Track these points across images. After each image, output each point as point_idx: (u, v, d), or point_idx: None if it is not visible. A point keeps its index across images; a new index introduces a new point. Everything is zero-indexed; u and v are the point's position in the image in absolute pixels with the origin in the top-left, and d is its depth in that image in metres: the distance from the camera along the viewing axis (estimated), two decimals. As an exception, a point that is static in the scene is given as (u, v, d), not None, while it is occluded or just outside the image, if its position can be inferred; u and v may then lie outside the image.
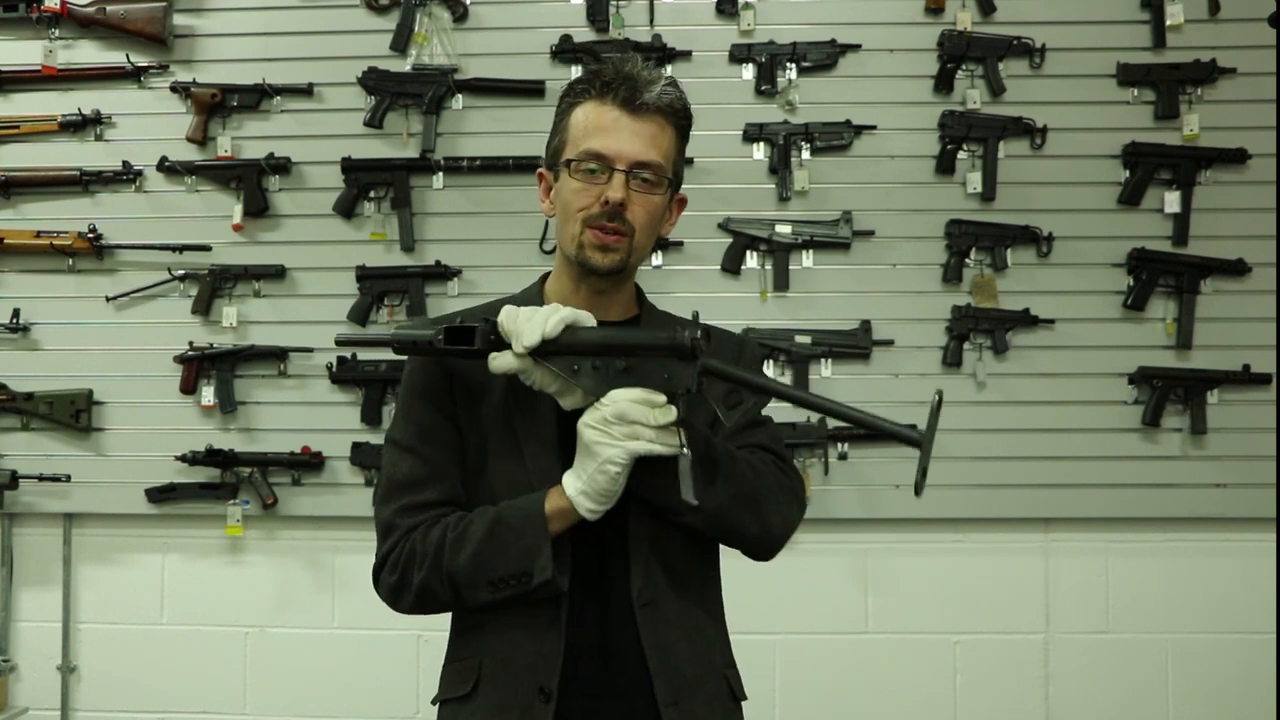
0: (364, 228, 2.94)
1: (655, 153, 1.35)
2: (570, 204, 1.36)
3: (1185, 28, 2.88)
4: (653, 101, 1.34)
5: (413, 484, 1.37)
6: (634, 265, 1.41)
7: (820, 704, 2.90)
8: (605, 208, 1.33)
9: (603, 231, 1.35)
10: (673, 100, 1.36)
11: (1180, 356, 2.86)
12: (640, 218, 1.36)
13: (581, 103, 1.37)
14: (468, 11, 2.94)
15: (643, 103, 1.34)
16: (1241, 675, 2.86)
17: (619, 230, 1.35)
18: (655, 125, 1.35)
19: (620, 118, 1.34)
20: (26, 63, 2.97)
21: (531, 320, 1.26)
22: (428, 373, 1.41)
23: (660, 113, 1.35)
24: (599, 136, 1.34)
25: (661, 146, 1.36)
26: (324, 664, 2.93)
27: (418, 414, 1.40)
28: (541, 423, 1.36)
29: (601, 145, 1.34)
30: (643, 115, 1.34)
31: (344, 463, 2.90)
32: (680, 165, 1.41)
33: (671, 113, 1.36)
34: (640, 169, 1.34)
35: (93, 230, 2.93)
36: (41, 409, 2.91)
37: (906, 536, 2.90)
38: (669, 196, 1.40)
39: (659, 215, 1.39)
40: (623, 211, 1.34)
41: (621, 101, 1.34)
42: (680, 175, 1.42)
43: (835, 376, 2.87)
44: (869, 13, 2.92)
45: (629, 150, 1.33)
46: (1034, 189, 2.89)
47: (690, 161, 2.87)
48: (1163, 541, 2.89)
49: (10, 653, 2.98)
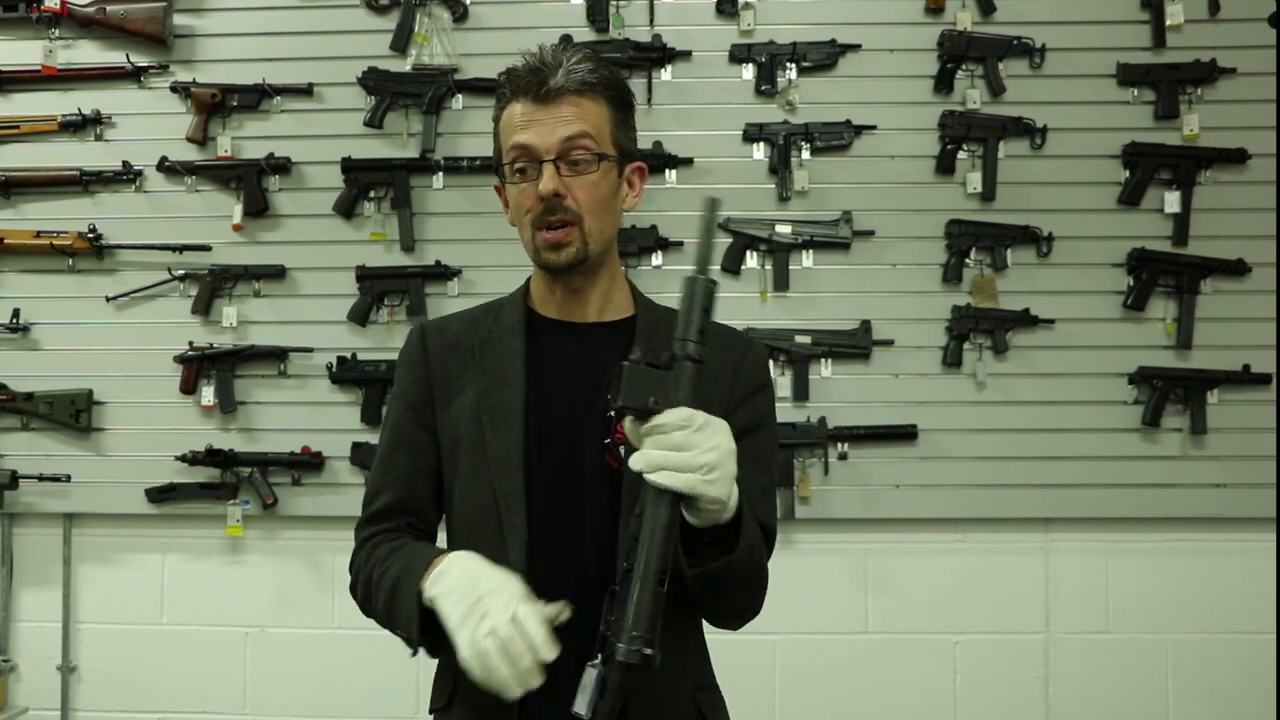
0: (364, 228, 2.94)
1: (579, 125, 1.31)
2: (518, 209, 1.35)
3: (1185, 28, 2.88)
4: (559, 85, 1.31)
5: (376, 491, 1.43)
6: (598, 252, 1.36)
7: (820, 704, 2.90)
8: (543, 203, 1.31)
9: (549, 229, 1.32)
10: (584, 75, 1.32)
11: (1180, 356, 2.86)
12: (583, 200, 1.32)
13: (505, 106, 1.35)
14: (468, 11, 2.94)
15: (549, 89, 1.31)
16: (1241, 675, 2.85)
17: (564, 221, 1.32)
18: (571, 106, 1.31)
19: (535, 109, 1.31)
20: (26, 63, 2.96)
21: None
22: (408, 375, 1.44)
23: (573, 93, 1.32)
24: (519, 133, 1.32)
25: (587, 120, 1.32)
26: (324, 664, 2.93)
27: (396, 415, 1.44)
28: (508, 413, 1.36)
29: (523, 140, 1.32)
30: (555, 100, 1.31)
31: (344, 463, 2.90)
32: (624, 135, 1.37)
33: (587, 87, 1.33)
34: (567, 152, 1.31)
35: (93, 230, 2.93)
36: (41, 409, 2.91)
37: (906, 536, 2.90)
38: (617, 170, 1.37)
39: (607, 193, 1.35)
40: (561, 201, 1.31)
41: (533, 93, 1.31)
42: (627, 145, 1.38)
43: (835, 376, 2.87)
44: (869, 13, 2.92)
45: (550, 136, 1.31)
46: (1034, 189, 2.89)
47: (690, 161, 2.88)
48: (1163, 541, 2.89)
49: (10, 653, 2.98)
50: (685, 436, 1.12)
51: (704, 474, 1.12)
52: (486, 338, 1.41)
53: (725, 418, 1.30)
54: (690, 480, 1.12)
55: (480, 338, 1.41)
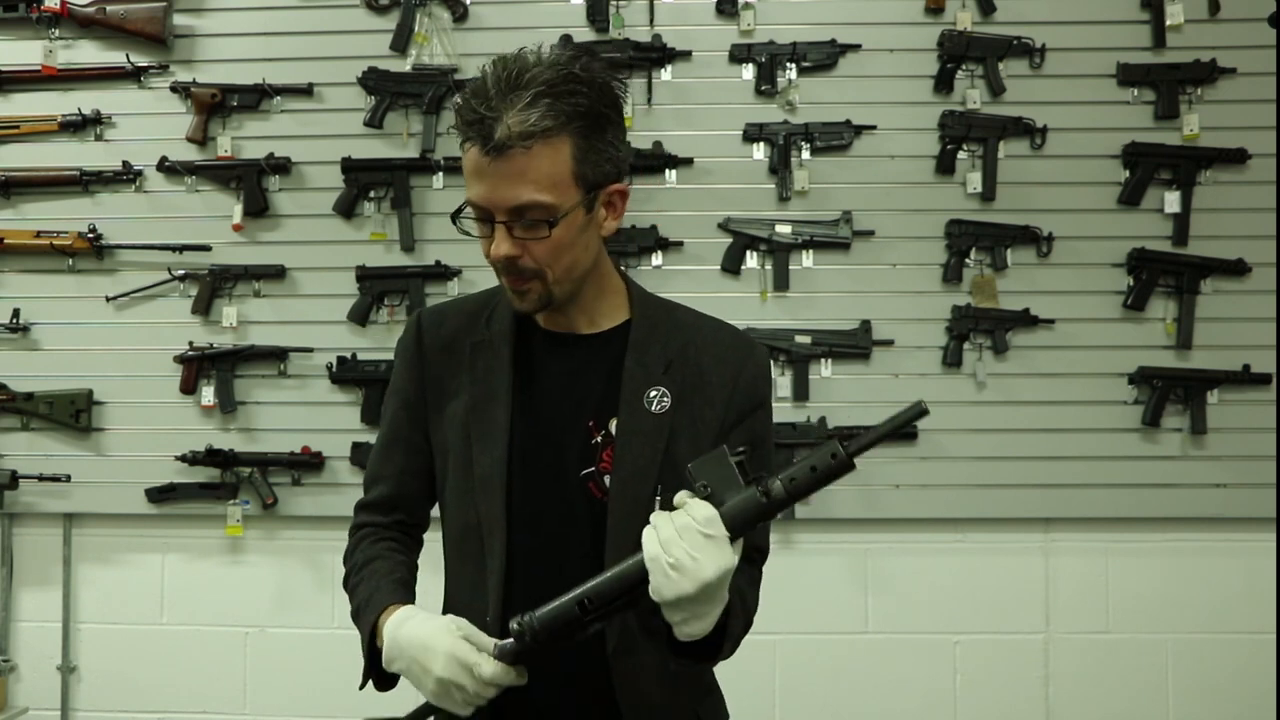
0: (364, 228, 2.94)
1: (528, 190, 1.20)
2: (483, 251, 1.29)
3: (1185, 28, 2.88)
4: (507, 139, 1.17)
5: (373, 480, 1.45)
6: (567, 293, 1.30)
7: (820, 704, 2.90)
8: (499, 265, 1.26)
9: (511, 278, 1.27)
10: (535, 122, 1.18)
11: (1180, 356, 2.86)
12: (541, 257, 1.24)
13: (464, 140, 1.23)
14: (468, 11, 2.94)
15: (497, 144, 1.18)
16: (1241, 675, 2.85)
17: (522, 278, 1.26)
18: (521, 159, 1.18)
19: (484, 163, 1.20)
20: (26, 63, 2.96)
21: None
22: (404, 371, 1.43)
23: (522, 146, 1.18)
24: (473, 185, 1.23)
25: (541, 178, 1.20)
26: (324, 664, 2.92)
27: (392, 412, 1.44)
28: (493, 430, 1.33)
29: (476, 195, 1.23)
30: (505, 155, 1.18)
31: (344, 463, 2.90)
32: (593, 165, 1.23)
33: (541, 133, 1.18)
34: (517, 215, 1.21)
35: (93, 230, 2.93)
36: (41, 409, 2.91)
37: (906, 536, 2.90)
38: (585, 205, 1.25)
39: (569, 240, 1.24)
40: (516, 261, 1.24)
41: (480, 145, 1.19)
42: (597, 176, 1.25)
43: (835, 376, 2.87)
44: (869, 13, 2.91)
45: (499, 199, 1.21)
46: (1034, 189, 2.89)
47: (690, 161, 2.88)
48: (1163, 541, 2.89)
49: (10, 653, 2.98)
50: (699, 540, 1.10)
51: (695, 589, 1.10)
52: (479, 342, 1.38)
53: (721, 436, 1.32)
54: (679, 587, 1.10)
55: (474, 340, 1.38)
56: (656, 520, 1.13)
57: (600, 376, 1.34)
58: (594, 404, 1.33)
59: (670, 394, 1.32)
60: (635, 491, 1.29)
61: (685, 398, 1.33)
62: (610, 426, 1.32)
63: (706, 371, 1.35)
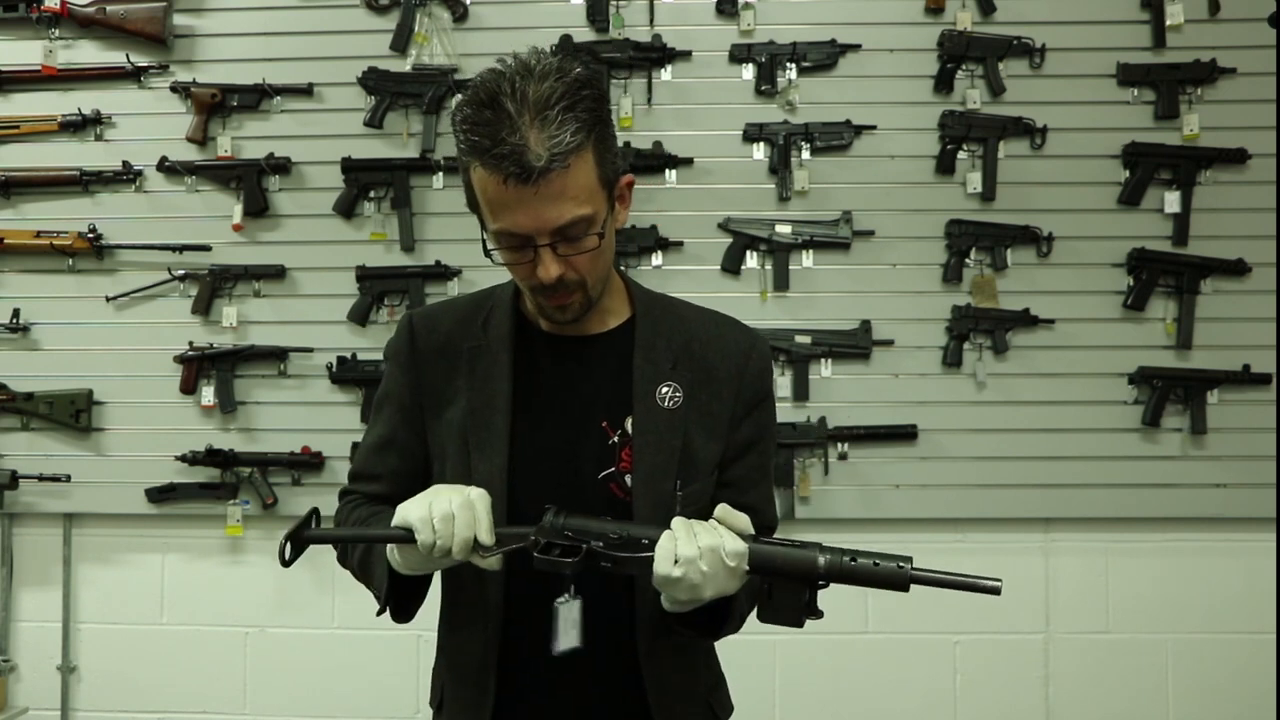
0: (364, 228, 2.94)
1: (571, 207, 1.19)
2: (511, 271, 1.28)
3: (1185, 28, 2.88)
4: (544, 165, 1.15)
5: (362, 477, 1.45)
6: (600, 293, 1.31)
7: (820, 704, 2.90)
8: (545, 285, 1.24)
9: (553, 297, 1.26)
10: (567, 140, 1.16)
11: (1180, 356, 2.86)
12: (583, 267, 1.24)
13: (473, 164, 1.20)
14: (468, 11, 2.94)
15: (538, 171, 1.16)
16: (1241, 675, 2.86)
17: (567, 292, 1.26)
18: (560, 180, 1.17)
19: (520, 192, 1.17)
20: (26, 63, 2.96)
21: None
22: (397, 379, 1.41)
23: (561, 161, 1.16)
24: (505, 216, 1.20)
25: (579, 192, 1.19)
26: (324, 664, 2.93)
27: (387, 416, 1.42)
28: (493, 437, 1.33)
29: (512, 225, 1.20)
30: (543, 179, 1.16)
31: (344, 463, 2.89)
32: (609, 166, 1.24)
33: (574, 149, 1.17)
34: (561, 232, 1.20)
35: (93, 230, 2.93)
36: (41, 409, 2.91)
37: (906, 536, 2.90)
38: (609, 208, 1.26)
39: (605, 246, 1.26)
40: (563, 277, 1.23)
41: (514, 177, 1.16)
42: (612, 175, 1.26)
43: (835, 376, 2.87)
44: (869, 13, 2.91)
45: (541, 224, 1.19)
46: (1034, 189, 2.89)
47: (690, 161, 2.88)
48: (1163, 541, 2.89)
49: (10, 653, 2.99)
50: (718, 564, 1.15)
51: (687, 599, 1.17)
52: (477, 347, 1.36)
53: (732, 428, 1.35)
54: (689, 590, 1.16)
55: (471, 345, 1.37)
56: (682, 531, 1.16)
57: (608, 376, 1.34)
58: (605, 404, 1.33)
59: (681, 388, 1.33)
60: (658, 488, 1.30)
61: (694, 392, 1.34)
62: (626, 425, 1.32)
63: (713, 365, 1.37)
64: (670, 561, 1.14)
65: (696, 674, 1.40)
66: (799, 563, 1.15)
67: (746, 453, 1.38)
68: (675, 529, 1.16)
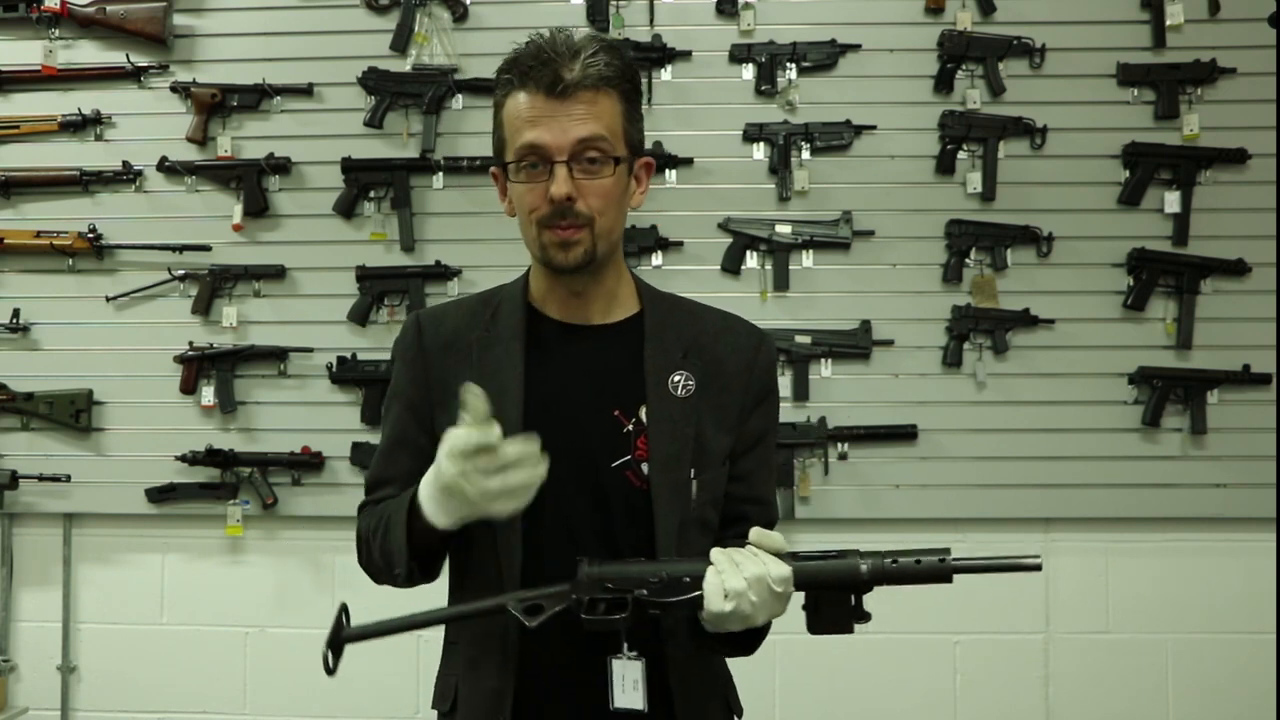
0: (364, 228, 2.94)
1: (593, 125, 1.25)
2: (521, 206, 1.30)
3: (1185, 28, 2.88)
4: (577, 80, 1.25)
5: (379, 482, 1.40)
6: (605, 253, 1.31)
7: (820, 704, 2.90)
8: (554, 206, 1.25)
9: (559, 229, 1.27)
10: (601, 69, 1.26)
11: (1180, 356, 2.86)
12: (595, 204, 1.27)
13: (510, 94, 1.29)
14: (468, 11, 2.94)
15: (567, 85, 1.24)
16: (1241, 675, 2.85)
17: (576, 224, 1.27)
18: (587, 102, 1.25)
19: (547, 104, 1.25)
20: (26, 63, 2.96)
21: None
22: (405, 373, 1.40)
23: (590, 87, 1.25)
24: (530, 130, 1.25)
25: (602, 119, 1.26)
26: (324, 664, 2.92)
27: (396, 414, 1.41)
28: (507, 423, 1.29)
29: (535, 138, 1.25)
30: (571, 96, 1.25)
31: (344, 463, 2.90)
32: (634, 130, 1.31)
33: (604, 80, 1.26)
34: (581, 152, 1.25)
35: (93, 230, 2.93)
36: (41, 409, 2.91)
37: (906, 536, 2.87)
38: (628, 167, 1.31)
39: (618, 194, 1.30)
40: (573, 205, 1.25)
41: (546, 87, 1.25)
42: (637, 140, 1.32)
43: (835, 376, 2.87)
44: (869, 13, 2.91)
45: (563, 137, 1.24)
46: (1034, 189, 2.89)
47: (690, 161, 2.88)
48: (1163, 541, 2.89)
49: (10, 653, 2.98)
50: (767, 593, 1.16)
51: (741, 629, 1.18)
52: (485, 338, 1.36)
53: (741, 421, 1.36)
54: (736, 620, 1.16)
55: (478, 337, 1.36)
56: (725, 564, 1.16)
57: (620, 365, 1.34)
58: (617, 393, 1.33)
59: (694, 378, 1.34)
60: (674, 477, 1.31)
61: (705, 383, 1.35)
62: (640, 414, 1.33)
63: (723, 358, 1.38)
64: (721, 598, 1.15)
65: (714, 672, 1.42)
66: (843, 574, 1.17)
67: (756, 446, 1.39)
68: (717, 562, 1.17)
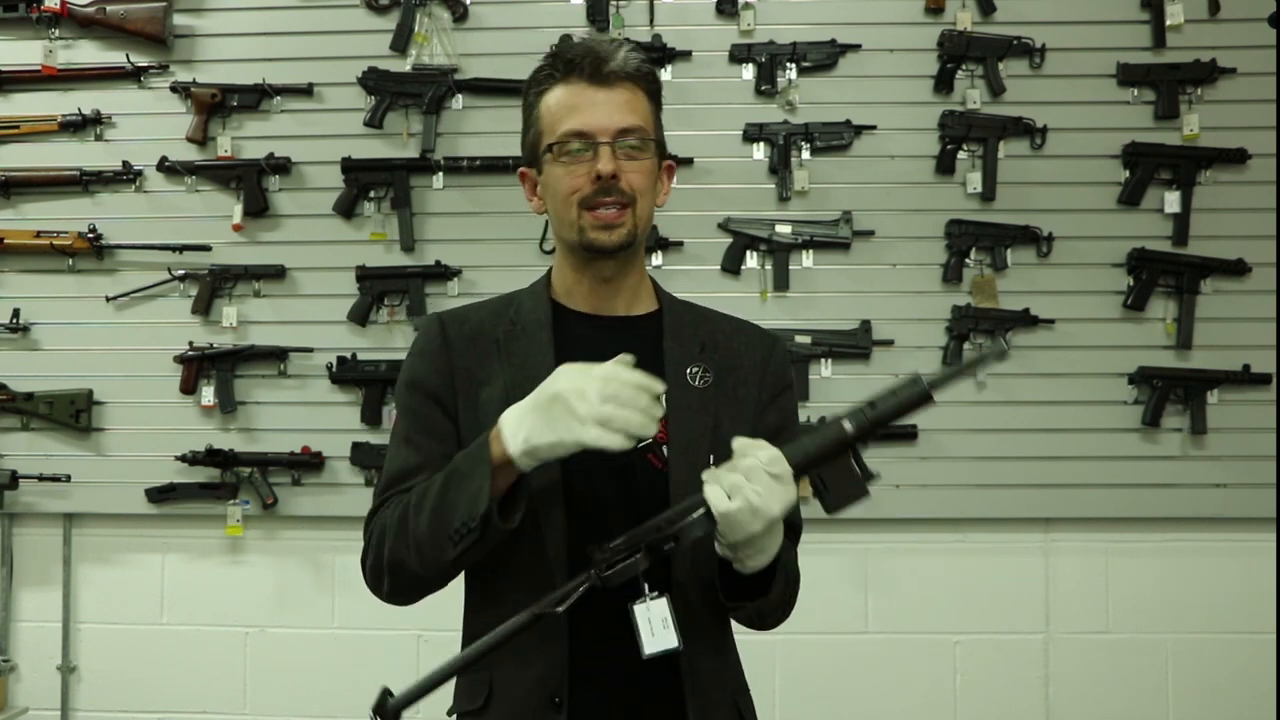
0: (364, 228, 2.94)
1: (635, 117, 1.32)
2: (561, 190, 1.32)
3: (1185, 28, 2.88)
4: (620, 69, 1.31)
5: (404, 474, 1.35)
6: (641, 239, 1.35)
7: (820, 704, 2.90)
8: (599, 183, 1.29)
9: (602, 209, 1.30)
10: (639, 65, 1.33)
11: (1180, 356, 2.86)
12: (637, 183, 1.31)
13: (548, 89, 1.34)
14: (468, 11, 2.94)
15: (611, 71, 1.31)
16: (1241, 675, 2.85)
17: (619, 203, 1.30)
18: (628, 91, 1.32)
19: (592, 91, 1.31)
20: (26, 63, 2.96)
21: None
22: (426, 364, 1.38)
23: (629, 79, 1.32)
24: (575, 115, 1.31)
25: (640, 111, 1.33)
26: (324, 664, 2.93)
27: (415, 405, 1.38)
28: None
29: (580, 123, 1.30)
30: (614, 84, 1.31)
31: (344, 463, 2.90)
32: (660, 130, 1.38)
33: (640, 77, 1.34)
34: (625, 135, 1.31)
35: (93, 230, 2.93)
36: (41, 409, 2.91)
37: (906, 536, 2.90)
38: (658, 162, 1.36)
39: (653, 181, 1.35)
40: (617, 182, 1.30)
41: (589, 76, 1.31)
42: (663, 140, 1.38)
43: (835, 376, 2.87)
44: (869, 13, 2.92)
45: (609, 121, 1.30)
46: (1034, 189, 2.89)
47: (690, 161, 2.88)
48: (1163, 541, 2.89)
49: (10, 653, 2.98)
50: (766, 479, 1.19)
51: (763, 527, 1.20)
52: (510, 330, 1.38)
53: (758, 414, 1.39)
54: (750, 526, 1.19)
55: (504, 330, 1.38)
56: (717, 472, 1.19)
57: (642, 356, 1.32)
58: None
59: (711, 371, 1.38)
60: (692, 460, 1.32)
61: (722, 376, 1.38)
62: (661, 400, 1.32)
63: (739, 354, 1.41)
64: (724, 498, 1.17)
65: (726, 675, 1.44)
66: (831, 439, 1.23)
67: (772, 439, 1.39)
68: (707, 477, 1.20)
